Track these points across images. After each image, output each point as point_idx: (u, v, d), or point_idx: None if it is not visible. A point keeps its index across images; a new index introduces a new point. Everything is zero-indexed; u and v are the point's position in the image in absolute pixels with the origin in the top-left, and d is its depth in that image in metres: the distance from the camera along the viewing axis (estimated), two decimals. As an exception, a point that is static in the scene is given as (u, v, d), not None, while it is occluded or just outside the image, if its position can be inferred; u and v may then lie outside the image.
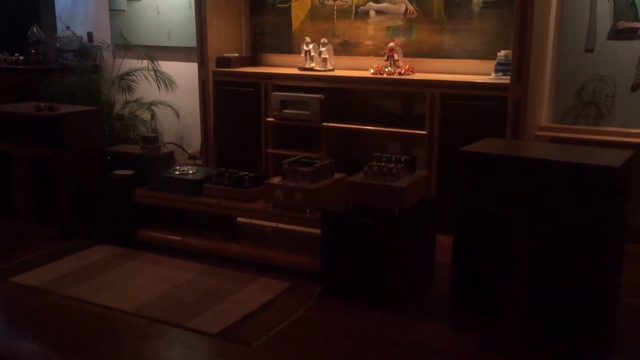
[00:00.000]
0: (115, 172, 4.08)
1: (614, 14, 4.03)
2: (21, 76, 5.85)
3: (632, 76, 4.05)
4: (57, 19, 6.32)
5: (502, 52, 4.20)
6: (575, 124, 4.24)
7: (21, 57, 5.97)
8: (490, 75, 4.21)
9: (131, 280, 3.52)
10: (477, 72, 4.37)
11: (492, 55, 4.31)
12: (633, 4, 3.95)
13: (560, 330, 2.86)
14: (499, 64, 4.19)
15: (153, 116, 5.82)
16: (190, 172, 4.03)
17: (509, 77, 3.99)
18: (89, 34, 6.13)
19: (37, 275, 3.57)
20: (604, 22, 4.06)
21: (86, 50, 6.07)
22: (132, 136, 5.62)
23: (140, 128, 5.73)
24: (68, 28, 6.10)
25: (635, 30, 3.98)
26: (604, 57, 4.10)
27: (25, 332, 2.98)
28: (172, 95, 5.71)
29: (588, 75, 4.17)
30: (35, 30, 5.93)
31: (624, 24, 4.01)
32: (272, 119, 4.75)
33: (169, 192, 3.91)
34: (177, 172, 4.01)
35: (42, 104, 4.26)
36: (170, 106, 5.71)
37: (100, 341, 2.89)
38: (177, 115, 5.74)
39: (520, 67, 3.88)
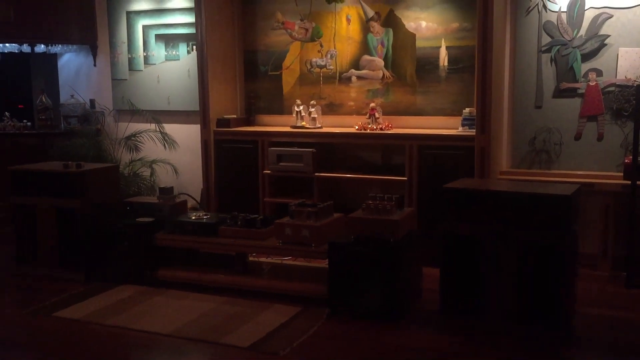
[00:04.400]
0: (137, 219, 4.62)
1: (556, 77, 4.86)
2: (29, 140, 6.38)
3: (575, 127, 4.86)
4: (60, 88, 6.89)
5: (467, 110, 4.97)
6: (530, 168, 5.00)
7: (28, 123, 6.52)
8: (457, 129, 4.96)
9: (161, 311, 4.02)
10: (446, 126, 5.12)
11: (457, 112, 5.08)
12: (572, 68, 4.80)
13: (529, 329, 3.49)
14: (464, 119, 4.95)
15: (152, 173, 6.37)
16: (204, 217, 4.60)
17: (474, 130, 4.74)
18: (92, 101, 6.71)
19: (76, 310, 4.04)
20: (549, 83, 4.89)
21: (89, 116, 6.63)
22: (131, 192, 6.12)
23: (141, 184, 6.26)
24: (72, 96, 6.68)
25: (574, 89, 4.82)
26: (550, 112, 4.91)
27: (81, 354, 3.45)
28: (171, 154, 6.29)
29: (538, 127, 4.96)
30: (43, 98, 6.50)
31: (565, 85, 4.85)
32: (269, 171, 5.38)
33: (188, 235, 4.46)
34: (194, 217, 4.57)
35: (69, 163, 4.79)
36: (169, 163, 6.28)
37: (146, 357, 3.38)
38: (176, 172, 6.31)
39: (483, 121, 4.64)
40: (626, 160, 4.40)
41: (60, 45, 6.54)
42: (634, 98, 4.49)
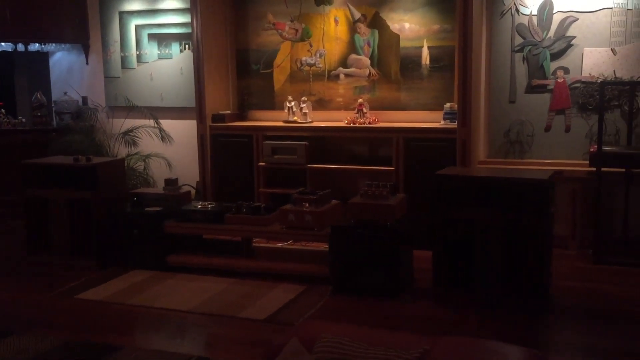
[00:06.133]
0: (146, 208, 4.92)
1: (528, 74, 5.34)
2: (25, 136, 6.59)
3: (545, 120, 5.35)
4: (52, 85, 7.09)
5: (448, 104, 5.41)
6: (505, 158, 5.46)
7: (23, 120, 6.72)
8: (440, 122, 5.40)
9: (176, 291, 4.36)
10: (428, 120, 5.55)
11: (439, 107, 5.50)
12: (542, 66, 5.28)
13: (513, 299, 3.94)
14: (446, 113, 5.39)
15: (145, 167, 6.65)
16: (209, 206, 4.93)
17: (455, 123, 5.18)
18: (84, 98, 6.93)
19: (96, 293, 4.35)
20: (522, 80, 5.37)
21: (82, 112, 6.86)
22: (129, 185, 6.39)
23: (135, 178, 6.53)
24: (65, 93, 6.89)
25: (544, 86, 5.31)
26: (523, 106, 5.39)
27: (110, 330, 3.76)
28: (165, 148, 6.58)
29: (512, 120, 5.44)
30: (38, 96, 6.70)
31: (536, 82, 5.33)
32: (263, 164, 5.73)
33: (195, 222, 4.79)
34: (200, 206, 4.90)
35: (79, 156, 5.06)
36: (164, 158, 6.57)
37: (172, 331, 3.72)
38: (169, 166, 6.60)
39: (464, 115, 5.09)
40: (591, 150, 4.91)
41: (53, 45, 6.74)
42: (597, 93, 5.00)
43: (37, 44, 6.60)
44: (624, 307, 4.02)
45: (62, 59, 7.08)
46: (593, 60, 5.14)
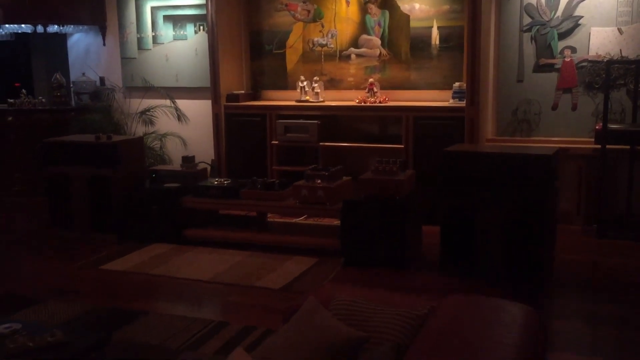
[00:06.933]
0: (164, 185, 5.11)
1: (536, 54, 5.46)
2: (45, 115, 6.78)
3: (552, 99, 5.47)
4: (70, 66, 7.27)
5: (457, 84, 5.54)
6: (512, 136, 5.61)
7: (44, 100, 6.91)
8: (449, 101, 5.54)
9: (195, 263, 4.56)
10: (438, 99, 5.69)
11: (448, 86, 5.64)
12: (549, 46, 5.39)
13: (516, 273, 4.10)
14: (455, 92, 5.52)
15: (161, 147, 6.83)
16: (225, 182, 5.11)
17: (463, 102, 5.32)
18: (101, 79, 7.11)
19: (119, 264, 4.56)
20: (529, 59, 5.48)
21: (100, 93, 7.04)
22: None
23: (151, 155, 6.71)
24: (84, 74, 7.07)
25: (552, 65, 5.42)
26: (530, 85, 5.51)
27: (135, 298, 3.97)
28: (180, 127, 6.76)
29: (520, 99, 5.56)
30: (58, 76, 6.88)
31: (544, 61, 5.45)
32: (277, 142, 5.90)
33: (212, 198, 4.97)
34: (216, 182, 5.08)
35: (100, 135, 5.25)
36: (179, 136, 6.75)
37: (193, 298, 3.93)
38: (185, 144, 6.78)
39: (472, 94, 5.22)
40: (597, 127, 5.03)
41: (71, 26, 6.90)
42: (603, 72, 5.11)
43: (56, 26, 6.76)
44: (625, 279, 4.17)
45: (79, 40, 7.25)
46: (600, 39, 5.24)
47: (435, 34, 5.70)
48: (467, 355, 1.76)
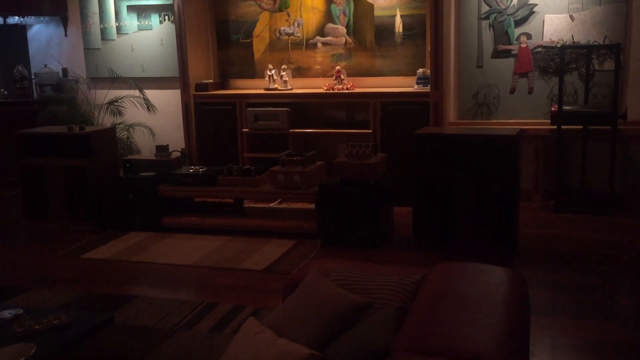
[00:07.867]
0: (140, 174, 5.18)
1: (494, 40, 5.73)
2: (7, 108, 6.71)
3: (510, 83, 5.76)
4: (30, 58, 7.19)
5: (420, 70, 5.77)
6: (474, 119, 5.88)
7: (6, 92, 6.83)
8: (413, 87, 5.77)
9: (176, 249, 4.67)
10: (402, 85, 5.91)
11: (412, 73, 5.87)
12: (507, 32, 5.68)
13: (485, 244, 4.38)
14: (419, 78, 5.76)
15: (128, 137, 6.86)
16: (201, 170, 5.22)
17: (428, 87, 5.56)
18: (64, 70, 7.07)
19: (100, 252, 4.63)
20: (488, 46, 5.76)
21: (63, 84, 7.00)
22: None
23: (120, 146, 6.73)
24: (46, 66, 7.01)
25: (509, 51, 5.71)
26: (489, 70, 5.78)
27: (121, 284, 4.06)
28: (148, 117, 6.79)
29: (480, 84, 5.83)
30: (20, 68, 6.81)
31: (501, 47, 5.72)
32: (247, 130, 6.02)
33: (188, 186, 5.07)
34: (192, 170, 5.18)
35: (72, 126, 5.27)
36: (147, 127, 6.78)
37: (178, 282, 4.05)
38: (152, 134, 6.82)
39: (436, 79, 5.46)
40: (552, 109, 5.35)
41: (32, 17, 6.83)
42: (557, 57, 5.42)
43: (17, 17, 6.68)
44: (581, 250, 4.49)
45: (40, 31, 7.18)
46: (553, 26, 5.54)
47: (398, 22, 5.91)
48: (462, 310, 1.97)
